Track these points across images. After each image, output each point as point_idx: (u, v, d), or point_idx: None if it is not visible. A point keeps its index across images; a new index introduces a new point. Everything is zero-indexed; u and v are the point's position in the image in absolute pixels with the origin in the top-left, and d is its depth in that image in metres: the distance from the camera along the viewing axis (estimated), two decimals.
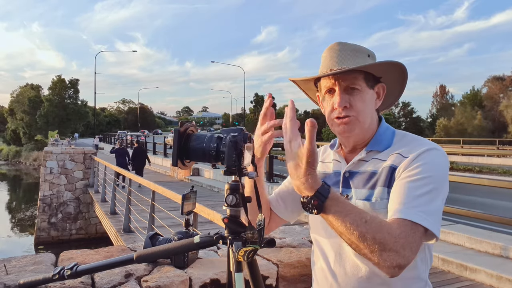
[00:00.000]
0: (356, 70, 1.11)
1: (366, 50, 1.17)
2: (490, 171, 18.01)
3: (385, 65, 1.13)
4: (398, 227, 0.94)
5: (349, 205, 0.96)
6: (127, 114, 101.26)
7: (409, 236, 0.93)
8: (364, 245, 0.92)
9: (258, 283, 1.08)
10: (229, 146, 1.00)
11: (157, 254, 1.30)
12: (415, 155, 1.05)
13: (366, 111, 1.13)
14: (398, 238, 0.92)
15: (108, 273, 1.77)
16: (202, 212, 3.58)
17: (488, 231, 5.83)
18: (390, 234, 0.92)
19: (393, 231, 0.93)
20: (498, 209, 8.69)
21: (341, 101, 1.11)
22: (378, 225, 0.93)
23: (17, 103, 56.77)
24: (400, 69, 1.15)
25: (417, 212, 0.96)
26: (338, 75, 1.12)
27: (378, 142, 1.15)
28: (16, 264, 1.86)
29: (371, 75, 1.14)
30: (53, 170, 15.31)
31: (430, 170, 1.02)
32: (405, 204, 0.98)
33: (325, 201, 0.93)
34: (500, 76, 49.87)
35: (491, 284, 4.53)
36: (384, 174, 1.09)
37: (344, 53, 1.14)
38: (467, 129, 45.64)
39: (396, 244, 0.91)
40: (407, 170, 1.04)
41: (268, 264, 2.07)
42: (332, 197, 0.94)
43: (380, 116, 1.23)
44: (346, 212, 0.93)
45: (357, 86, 1.12)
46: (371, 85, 1.14)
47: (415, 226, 0.95)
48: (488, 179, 8.10)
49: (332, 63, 1.14)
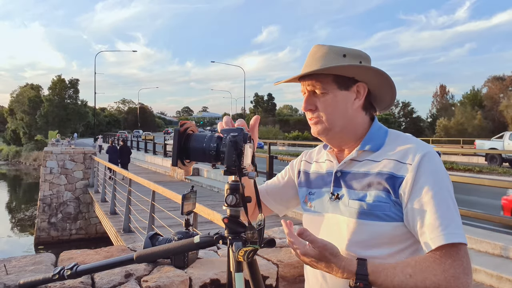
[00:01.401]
0: (321, 73, 1.12)
1: (344, 50, 1.13)
2: (490, 171, 18.01)
3: (350, 67, 1.11)
4: (440, 261, 0.95)
5: (390, 269, 0.98)
6: (127, 114, 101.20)
7: (454, 262, 0.95)
8: None
9: (258, 283, 1.08)
10: (229, 146, 1.00)
11: (157, 254, 1.30)
12: (415, 166, 1.04)
13: (334, 112, 1.14)
14: (446, 272, 0.94)
15: (108, 273, 1.76)
16: (202, 212, 3.58)
17: (488, 231, 5.83)
18: (437, 274, 0.94)
19: (437, 268, 0.94)
20: (498, 209, 8.69)
21: (305, 105, 1.17)
22: (423, 273, 0.95)
23: (17, 103, 56.79)
24: (368, 69, 1.13)
25: (449, 233, 0.97)
26: (306, 79, 1.15)
27: (370, 142, 1.15)
28: (16, 264, 1.86)
29: (342, 76, 1.13)
30: (53, 170, 15.31)
31: (437, 182, 1.03)
32: (436, 230, 0.98)
33: (368, 278, 0.97)
34: (500, 76, 49.89)
35: (491, 284, 4.52)
36: (381, 179, 1.07)
37: (315, 56, 1.15)
38: (467, 129, 45.63)
39: (448, 279, 0.93)
40: (417, 188, 1.03)
41: (268, 264, 2.07)
42: (372, 271, 0.97)
43: (373, 115, 1.22)
44: (391, 278, 0.96)
45: (323, 89, 1.13)
46: (344, 86, 1.13)
47: (454, 247, 0.96)
48: (488, 179, 8.10)
49: (304, 68, 1.17)
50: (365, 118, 1.19)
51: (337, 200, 1.15)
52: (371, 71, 1.13)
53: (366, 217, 1.07)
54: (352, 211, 1.10)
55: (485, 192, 11.07)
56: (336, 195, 1.15)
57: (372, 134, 1.16)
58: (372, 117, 1.21)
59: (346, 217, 1.11)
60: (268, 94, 75.39)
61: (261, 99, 73.68)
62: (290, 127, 63.09)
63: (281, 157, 11.35)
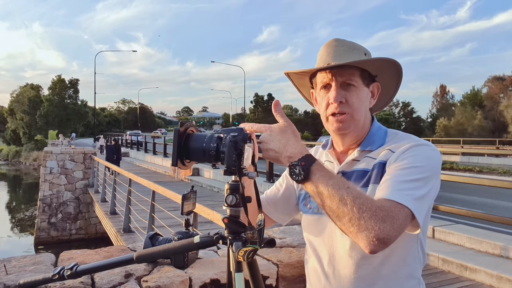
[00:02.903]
0: (353, 66, 1.10)
1: (362, 48, 1.16)
2: (490, 171, 18.02)
3: (382, 62, 1.12)
4: (380, 202, 0.92)
5: (331, 172, 0.97)
6: (127, 114, 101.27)
7: (391, 212, 0.90)
8: (344, 211, 0.90)
9: (258, 283, 1.08)
10: (229, 146, 0.99)
11: (157, 254, 1.30)
12: (404, 148, 1.05)
13: (361, 108, 1.12)
14: (379, 210, 0.89)
15: (108, 273, 1.76)
16: (202, 212, 3.58)
17: (488, 231, 5.82)
18: (372, 203, 0.90)
19: (375, 202, 0.91)
20: (498, 209, 8.69)
21: (337, 96, 1.10)
22: (360, 193, 0.92)
23: (17, 103, 56.80)
24: (395, 67, 1.14)
25: (402, 194, 0.94)
26: (335, 70, 1.10)
27: (371, 142, 1.14)
28: (16, 264, 1.86)
29: (367, 73, 1.13)
30: (53, 170, 15.30)
31: (420, 161, 1.01)
32: (391, 188, 0.96)
33: (312, 164, 0.96)
34: (500, 76, 49.94)
35: (491, 284, 4.52)
36: (375, 171, 1.08)
37: (342, 48, 1.13)
38: (467, 129, 45.67)
39: (376, 214, 0.88)
40: (396, 162, 1.03)
41: (268, 264, 2.07)
42: (318, 162, 0.97)
43: (373, 115, 1.21)
44: (329, 177, 0.94)
45: (354, 82, 1.11)
46: (366, 83, 1.14)
47: (399, 206, 0.92)
48: (488, 179, 8.10)
49: (329, 58, 1.13)
50: (370, 118, 1.19)
51: None
52: (392, 72, 1.15)
53: None
54: None
55: (485, 192, 11.07)
56: None
57: (373, 135, 1.16)
58: (372, 117, 1.21)
59: None
60: (268, 94, 75.62)
61: (261, 99, 73.65)
62: None
63: None
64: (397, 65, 1.13)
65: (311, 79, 1.20)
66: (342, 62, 1.09)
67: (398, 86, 1.20)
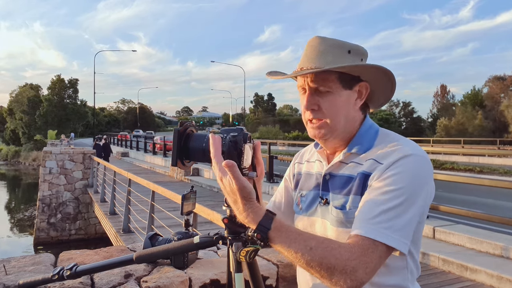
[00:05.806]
0: (327, 70, 1.04)
1: (347, 45, 1.08)
2: (491, 171, 18.01)
3: (357, 68, 1.06)
4: (350, 248, 0.91)
5: (293, 233, 0.93)
6: (126, 114, 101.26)
7: (363, 256, 0.89)
8: (314, 271, 0.90)
9: (258, 283, 1.07)
10: (229, 146, 0.99)
11: (156, 255, 1.30)
12: (390, 162, 1.00)
13: (338, 114, 1.07)
14: (348, 261, 0.88)
15: (107, 273, 1.76)
16: (202, 212, 3.58)
17: (488, 232, 5.83)
18: (339, 258, 0.89)
19: (343, 254, 0.89)
20: (498, 209, 8.69)
21: (308, 104, 1.08)
22: (324, 251, 0.90)
23: (16, 103, 56.75)
24: (378, 69, 1.07)
25: (379, 228, 0.92)
26: (308, 75, 1.06)
27: (358, 144, 1.10)
28: (15, 264, 1.86)
29: (347, 75, 1.07)
30: (52, 170, 15.29)
31: (403, 181, 0.96)
32: (368, 220, 0.94)
33: (268, 232, 0.92)
34: (501, 76, 49.92)
35: (491, 284, 4.52)
36: (357, 182, 1.04)
37: (319, 50, 1.06)
38: (468, 129, 45.65)
39: (346, 268, 0.88)
40: (378, 180, 0.99)
41: (268, 265, 2.07)
42: (275, 227, 0.93)
43: (366, 114, 1.16)
44: (289, 241, 0.92)
45: (328, 88, 1.06)
46: (348, 85, 1.07)
47: (374, 244, 0.91)
48: (489, 179, 8.10)
49: (304, 61, 1.08)
50: (361, 118, 1.14)
51: (326, 205, 1.11)
52: (380, 71, 1.07)
53: (345, 226, 1.04)
54: (334, 219, 1.07)
55: (485, 192, 11.07)
56: (325, 200, 1.12)
57: (361, 136, 1.11)
58: (365, 116, 1.16)
59: (331, 224, 1.08)
60: (268, 94, 75.57)
61: (261, 99, 73.71)
62: (290, 127, 63.11)
63: (281, 157, 11.36)
64: (379, 68, 1.06)
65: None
66: (309, 71, 1.04)
67: (393, 84, 1.12)
